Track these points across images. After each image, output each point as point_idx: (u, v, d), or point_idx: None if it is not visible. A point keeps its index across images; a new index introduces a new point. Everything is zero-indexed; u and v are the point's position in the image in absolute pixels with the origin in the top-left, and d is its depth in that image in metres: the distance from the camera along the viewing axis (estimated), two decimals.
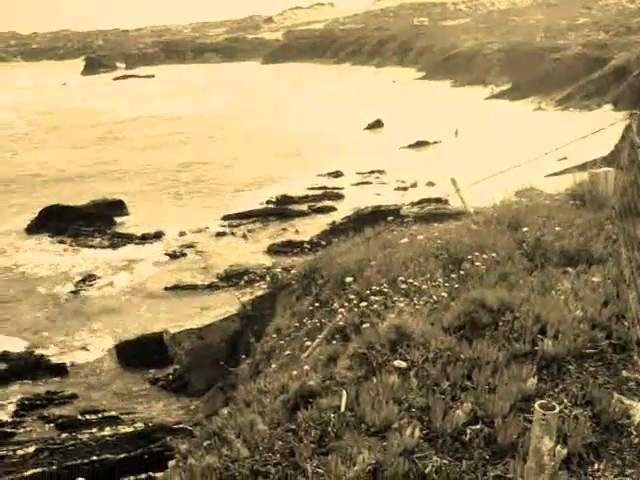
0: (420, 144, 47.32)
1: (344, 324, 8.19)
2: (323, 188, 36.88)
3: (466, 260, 8.80)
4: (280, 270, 14.58)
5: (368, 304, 8.19)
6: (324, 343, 8.18)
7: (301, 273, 12.66)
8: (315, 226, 30.02)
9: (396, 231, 12.82)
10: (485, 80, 75.61)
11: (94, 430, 15.24)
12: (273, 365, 9.82)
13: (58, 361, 19.11)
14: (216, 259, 27.32)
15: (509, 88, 68.78)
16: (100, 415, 16.10)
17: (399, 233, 12.44)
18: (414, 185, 36.39)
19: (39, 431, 15.75)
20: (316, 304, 10.46)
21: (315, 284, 11.63)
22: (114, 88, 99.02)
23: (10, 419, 16.22)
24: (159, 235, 30.33)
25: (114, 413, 16.19)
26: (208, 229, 31.17)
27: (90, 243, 29.78)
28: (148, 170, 43.85)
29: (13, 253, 28.97)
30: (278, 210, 33.35)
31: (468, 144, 45.03)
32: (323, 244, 18.23)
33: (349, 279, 9.73)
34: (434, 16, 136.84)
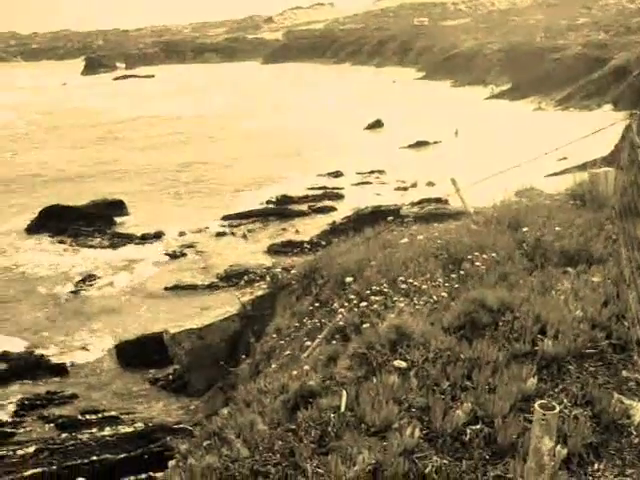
0: (420, 144, 47.32)
1: (344, 324, 8.19)
2: (323, 188, 36.87)
3: (466, 260, 8.80)
4: (280, 270, 14.58)
5: (368, 304, 8.19)
6: (324, 343, 8.18)
7: (301, 273, 12.66)
8: (315, 226, 30.01)
9: (396, 231, 12.83)
10: (485, 80, 75.61)
11: (94, 430, 15.24)
12: (273, 365, 9.82)
13: (58, 361, 19.11)
14: (216, 259, 27.32)
15: (509, 88, 68.78)
16: (100, 415, 16.10)
17: (399, 233, 12.44)
18: (414, 185, 36.38)
19: (39, 431, 15.75)
20: (316, 304, 10.46)
21: (315, 284, 11.63)
22: (114, 88, 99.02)
23: (10, 419, 16.21)
24: (159, 235, 30.32)
25: (114, 413, 16.19)
26: (208, 229, 31.16)
27: (90, 243, 29.78)
28: (148, 170, 43.85)
29: (13, 253, 28.97)
30: (278, 210, 33.34)
31: (468, 144, 45.02)
32: (323, 244, 18.23)
33: (349, 279, 9.73)
34: (434, 16, 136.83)
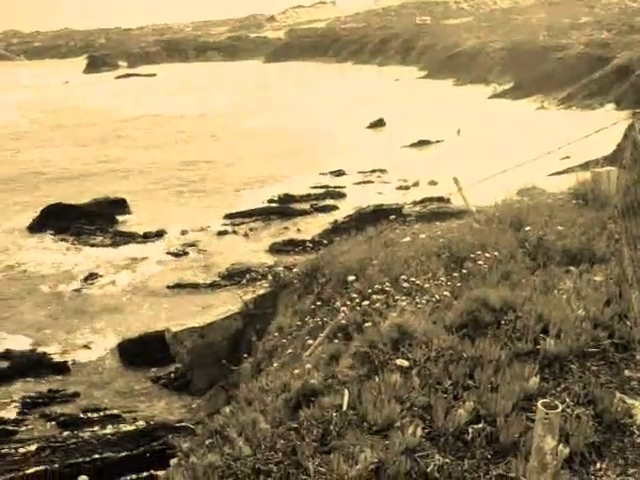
0: (422, 143, 47.30)
1: (346, 323, 8.19)
2: (325, 187, 36.88)
3: (468, 259, 8.79)
4: (282, 269, 14.59)
5: (370, 303, 8.18)
6: (326, 342, 8.18)
7: (303, 272, 12.66)
8: (317, 225, 30.02)
9: (398, 230, 12.83)
10: (487, 79, 75.51)
11: (96, 428, 15.27)
12: (275, 364, 9.82)
13: (60, 359, 19.15)
14: (218, 258, 27.34)
15: (511, 87, 68.70)
16: (102, 413, 16.14)
17: (401, 232, 12.44)
18: (416, 184, 36.37)
19: (41, 429, 15.78)
20: (318, 303, 10.46)
21: (317, 283, 11.63)
22: (116, 87, 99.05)
23: (12, 417, 16.25)
24: (161, 234, 30.34)
25: (116, 411, 16.22)
26: (210, 228, 31.17)
27: (92, 242, 29.81)
28: (150, 169, 43.87)
29: (16, 251, 29.01)
30: (280, 209, 33.34)
31: (470, 143, 44.99)
32: (325, 243, 18.27)
33: (351, 278, 9.73)
34: (436, 15, 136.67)
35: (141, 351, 18.75)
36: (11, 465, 13.83)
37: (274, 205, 34.01)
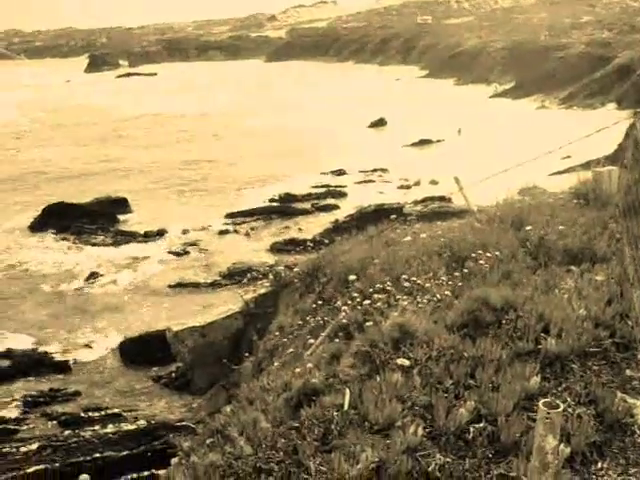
0: (423, 142, 47.31)
1: (347, 322, 8.19)
2: (326, 186, 36.88)
3: (469, 258, 8.78)
4: (283, 268, 14.58)
5: (371, 302, 8.18)
6: (327, 341, 8.18)
7: (304, 271, 12.65)
8: (318, 224, 30.03)
9: (399, 229, 12.82)
10: (488, 78, 75.48)
11: (97, 427, 15.29)
12: (276, 363, 9.82)
13: (62, 358, 19.16)
14: (219, 257, 27.34)
15: (512, 86, 68.69)
16: (103, 412, 16.15)
17: (402, 231, 12.44)
18: (417, 183, 36.37)
19: (42, 428, 15.79)
20: (319, 302, 10.46)
21: (318, 282, 11.63)
22: (117, 86, 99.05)
23: (14, 416, 16.26)
24: (162, 233, 30.35)
25: (117, 411, 16.22)
26: (211, 227, 31.18)
27: (93, 241, 29.82)
28: (152, 168, 43.88)
29: (17, 250, 29.02)
30: (281, 208, 33.35)
31: (471, 142, 44.98)
32: (326, 242, 18.25)
33: (352, 277, 9.73)
34: (437, 14, 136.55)
35: (142, 350, 18.75)
36: (12, 464, 13.85)
37: (275, 204, 34.02)
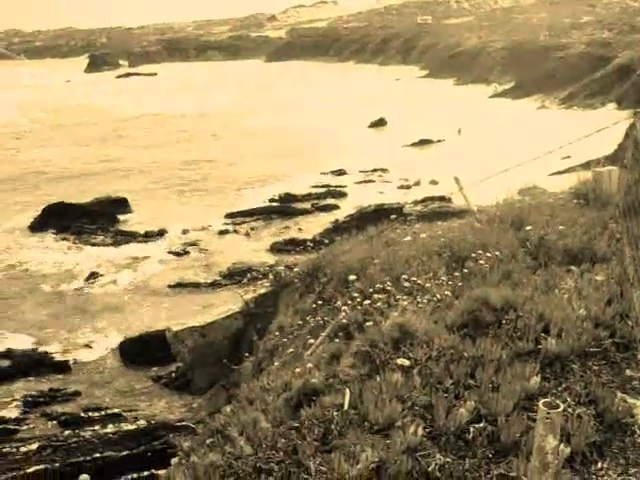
0: (423, 142, 47.31)
1: (347, 322, 8.19)
2: (326, 186, 36.88)
3: (469, 258, 8.78)
4: (283, 268, 14.58)
5: (371, 302, 8.18)
6: (327, 341, 8.18)
7: (304, 271, 12.65)
8: (318, 224, 30.03)
9: (399, 229, 12.82)
10: (488, 78, 75.46)
11: (97, 427, 15.29)
12: (276, 363, 9.82)
13: (62, 358, 19.16)
14: (219, 257, 27.34)
15: (512, 86, 68.68)
16: (103, 412, 16.15)
17: (402, 231, 12.43)
18: (417, 183, 36.38)
19: (42, 428, 15.79)
20: (319, 302, 10.45)
21: (318, 282, 11.63)
22: (117, 86, 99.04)
23: (13, 416, 16.26)
24: (162, 233, 30.35)
25: (117, 411, 16.22)
26: (211, 227, 31.18)
27: (93, 241, 29.82)
28: (151, 168, 43.88)
29: (17, 250, 29.02)
30: (281, 208, 33.35)
31: (471, 142, 44.98)
32: (326, 242, 18.25)
33: (352, 277, 9.73)
34: (437, 14, 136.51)
35: (142, 350, 18.76)
36: (12, 464, 13.85)
37: (275, 204, 34.02)
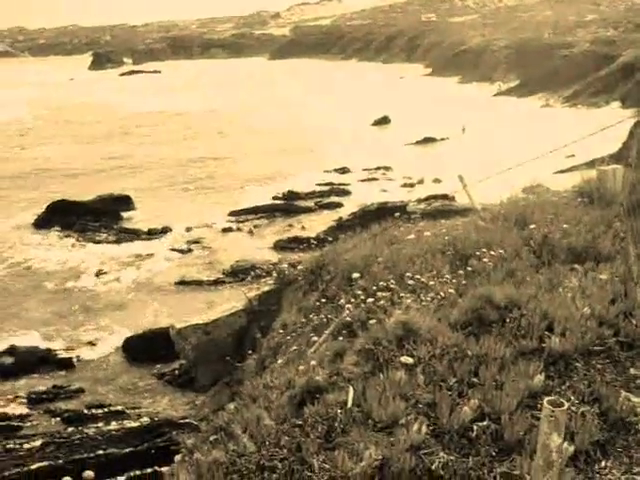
0: (427, 140, 47.25)
1: (351, 320, 8.19)
2: (330, 184, 36.83)
3: (473, 256, 8.79)
4: (286, 266, 14.57)
5: (375, 300, 8.18)
6: (330, 339, 8.17)
7: (307, 269, 12.64)
8: (321, 222, 30.02)
9: (403, 227, 12.82)
10: (492, 77, 75.29)
11: (100, 424, 15.28)
12: (279, 360, 9.82)
13: (65, 355, 19.19)
14: (222, 255, 27.35)
15: (517, 85, 68.54)
16: (106, 409, 16.15)
17: (406, 229, 12.44)
18: (421, 182, 36.33)
19: (45, 425, 15.82)
20: (322, 300, 10.45)
21: (322, 280, 11.62)
22: (121, 84, 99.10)
23: (17, 413, 16.29)
24: (166, 230, 30.36)
25: (120, 408, 16.23)
26: (215, 225, 31.19)
27: (97, 238, 29.85)
28: (157, 165, 43.92)
29: (21, 248, 29.07)
30: (285, 206, 33.34)
31: (475, 141, 44.92)
32: (330, 240, 18.24)
33: (356, 275, 9.73)
34: (441, 12, 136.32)
35: (145, 347, 18.78)
36: (16, 460, 13.87)
37: (279, 202, 34.00)
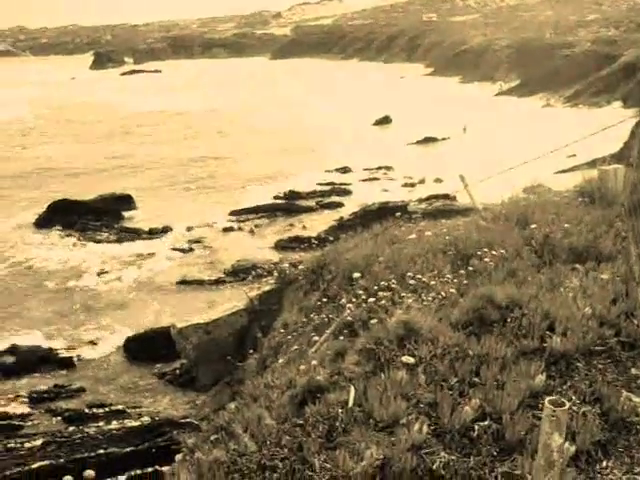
0: (428, 140, 47.24)
1: (352, 319, 8.18)
2: (331, 184, 36.83)
3: (474, 256, 8.78)
4: (287, 265, 14.59)
5: (376, 300, 8.17)
6: (332, 338, 8.17)
7: (309, 268, 12.65)
8: (322, 222, 30.02)
9: (404, 227, 12.81)
10: (494, 76, 75.23)
11: (101, 423, 15.30)
12: (280, 360, 9.82)
13: (66, 355, 19.20)
14: (223, 254, 27.36)
15: (518, 84, 68.50)
16: (107, 409, 16.17)
17: (407, 229, 12.43)
18: (422, 181, 36.33)
19: (46, 424, 15.84)
20: (324, 299, 10.45)
21: (323, 279, 11.62)
22: (122, 83, 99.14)
23: (18, 412, 16.30)
24: (167, 230, 30.38)
25: (121, 407, 16.25)
26: (216, 224, 31.20)
27: (98, 238, 29.87)
28: (158, 165, 43.92)
29: (22, 247, 29.08)
30: (286, 205, 33.35)
31: (476, 141, 44.89)
32: (330, 240, 18.27)
33: (357, 275, 9.72)
34: (443, 12, 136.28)
35: (146, 347, 18.79)
36: (17, 459, 13.88)
37: (280, 202, 34.00)
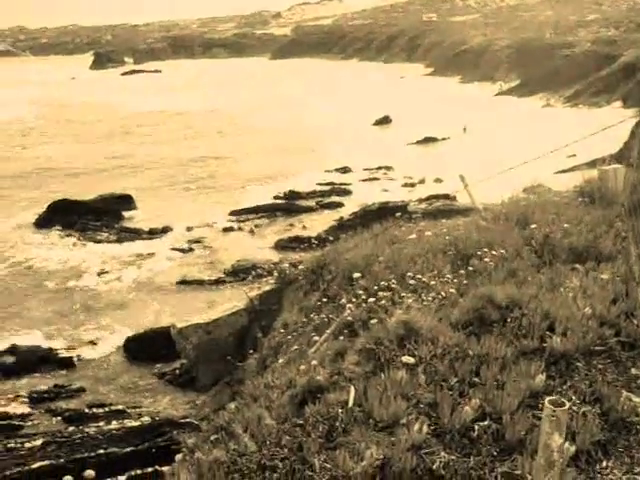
0: (428, 140, 47.24)
1: (352, 319, 8.19)
2: (331, 184, 36.82)
3: (474, 256, 8.78)
4: (287, 265, 14.59)
5: (376, 300, 8.17)
6: (332, 338, 8.17)
7: (309, 268, 12.65)
8: (322, 222, 30.01)
9: (404, 227, 12.82)
10: (494, 76, 75.22)
11: (101, 423, 15.28)
12: (280, 360, 9.82)
13: (66, 355, 19.20)
14: (223, 254, 27.36)
15: (518, 84, 68.49)
16: (107, 409, 16.16)
17: (407, 229, 12.44)
18: (422, 181, 36.32)
19: (47, 424, 15.83)
20: (324, 299, 10.46)
21: (323, 279, 11.62)
22: (122, 83, 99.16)
23: (19, 412, 16.30)
24: (167, 230, 30.37)
25: (121, 407, 16.24)
26: (216, 224, 31.19)
27: (98, 237, 29.86)
28: (158, 165, 43.92)
29: (22, 247, 29.08)
30: (286, 205, 33.34)
31: (476, 140, 44.90)
32: (330, 240, 18.27)
33: (357, 275, 9.72)
34: (443, 12, 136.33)
35: (146, 347, 18.78)
36: (17, 459, 13.87)
37: (280, 202, 33.99)
